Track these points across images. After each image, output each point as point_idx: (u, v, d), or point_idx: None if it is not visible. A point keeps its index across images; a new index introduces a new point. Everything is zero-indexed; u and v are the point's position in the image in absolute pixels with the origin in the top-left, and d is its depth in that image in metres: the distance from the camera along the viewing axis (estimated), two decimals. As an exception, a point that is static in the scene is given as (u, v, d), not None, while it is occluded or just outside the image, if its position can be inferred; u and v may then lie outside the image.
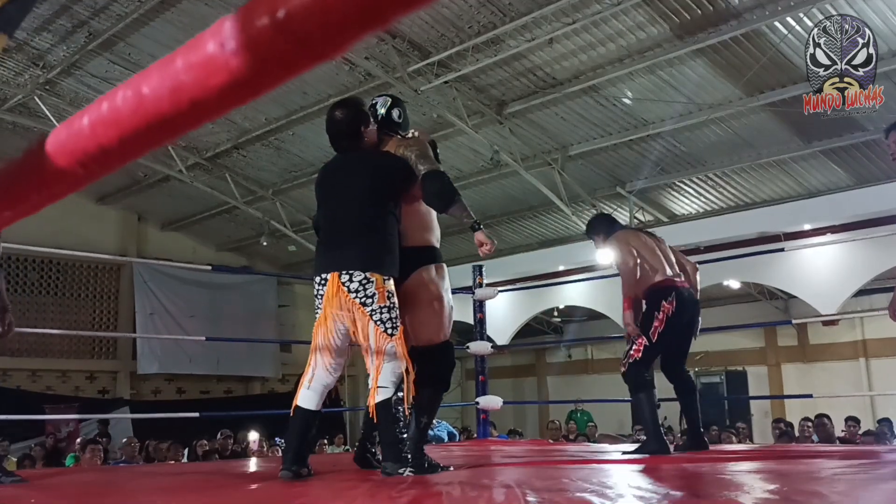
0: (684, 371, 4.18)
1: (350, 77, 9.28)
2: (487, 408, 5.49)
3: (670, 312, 3.87)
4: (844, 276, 9.63)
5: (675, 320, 3.88)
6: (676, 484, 2.46)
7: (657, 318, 3.87)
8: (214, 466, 4.95)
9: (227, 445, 8.56)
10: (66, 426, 11.47)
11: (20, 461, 7.47)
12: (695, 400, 4.12)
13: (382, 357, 2.82)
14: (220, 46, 0.49)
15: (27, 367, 12.40)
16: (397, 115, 3.34)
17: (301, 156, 11.44)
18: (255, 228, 13.64)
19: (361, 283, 2.82)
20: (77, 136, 0.57)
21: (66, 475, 4.13)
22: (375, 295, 2.82)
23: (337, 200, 3.01)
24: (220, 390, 14.86)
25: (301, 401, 2.90)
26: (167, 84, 0.51)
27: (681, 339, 4.06)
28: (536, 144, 10.23)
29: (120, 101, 0.54)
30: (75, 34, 9.05)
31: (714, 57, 8.03)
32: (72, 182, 0.61)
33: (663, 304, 3.88)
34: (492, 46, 8.32)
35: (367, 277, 2.83)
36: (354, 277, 2.83)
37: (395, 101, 3.39)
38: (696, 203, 10.72)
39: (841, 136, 8.79)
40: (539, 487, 2.37)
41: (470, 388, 10.52)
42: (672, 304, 3.88)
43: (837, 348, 12.44)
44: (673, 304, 3.88)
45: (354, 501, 2.16)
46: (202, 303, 14.09)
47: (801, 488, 2.24)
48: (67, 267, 13.57)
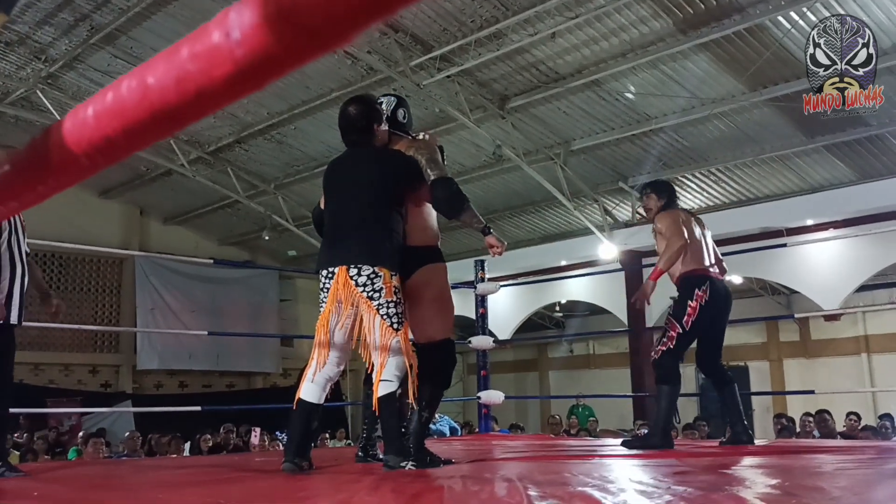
0: (720, 365, 4.17)
1: (352, 71, 9.27)
2: (489, 402, 5.50)
3: (703, 301, 3.89)
4: (847, 272, 9.62)
5: (707, 310, 3.90)
6: (678, 479, 2.47)
7: (690, 307, 3.90)
8: (216, 460, 4.96)
9: (230, 439, 8.58)
10: (69, 420, 11.50)
11: (23, 455, 7.48)
12: (734, 392, 4.09)
13: (387, 351, 2.82)
14: (226, 36, 0.49)
15: (30, 360, 12.41)
16: (402, 116, 3.35)
17: (303, 150, 11.44)
18: (258, 223, 13.65)
19: (370, 278, 2.83)
20: (82, 126, 0.57)
21: (68, 468, 4.14)
22: (383, 289, 2.83)
23: (345, 195, 3.02)
24: (221, 384, 14.89)
25: (304, 394, 2.91)
26: (172, 74, 0.51)
27: (714, 331, 4.08)
28: (539, 139, 10.21)
29: (125, 92, 0.53)
30: (77, 28, 9.04)
31: (717, 52, 8.01)
32: (76, 173, 0.61)
33: (697, 292, 3.91)
34: (494, 41, 8.30)
35: (375, 272, 2.84)
36: (363, 272, 2.84)
37: (399, 102, 3.40)
38: (698, 198, 10.70)
39: (844, 132, 8.77)
40: (541, 482, 2.38)
41: (471, 383, 10.54)
42: (705, 293, 3.91)
43: (839, 344, 12.44)
44: (706, 293, 3.91)
45: (357, 495, 2.17)
46: (203, 298, 14.11)
47: (802, 483, 2.24)
48: (70, 260, 13.60)
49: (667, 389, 3.88)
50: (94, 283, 13.96)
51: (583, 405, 12.51)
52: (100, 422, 11.43)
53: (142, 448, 7.98)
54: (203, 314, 13.69)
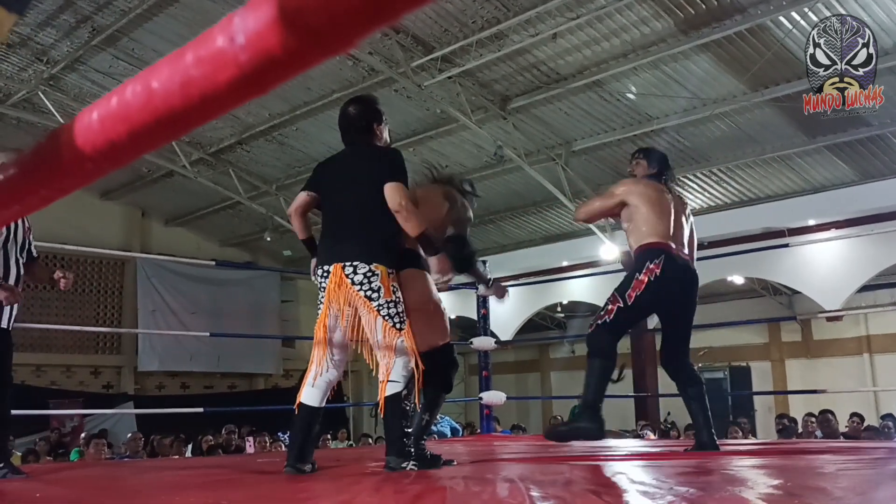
0: (688, 363, 3.63)
1: (353, 72, 9.28)
2: (491, 403, 5.50)
3: (653, 276, 3.41)
4: (849, 272, 9.61)
5: (658, 287, 3.41)
6: (680, 479, 2.46)
7: (637, 280, 3.44)
8: (218, 461, 4.96)
9: (231, 440, 8.59)
10: (71, 421, 11.51)
11: (24, 456, 7.50)
12: (702, 394, 3.56)
13: (392, 352, 2.79)
14: (230, 41, 0.49)
15: (32, 361, 12.43)
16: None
17: (305, 151, 11.44)
18: (259, 224, 13.65)
19: (366, 276, 2.79)
20: (86, 130, 0.57)
21: (70, 470, 4.14)
22: (381, 289, 2.79)
23: (342, 193, 3.00)
24: (223, 385, 14.90)
25: (304, 398, 2.90)
26: (177, 79, 0.51)
27: (678, 322, 3.61)
28: (540, 140, 10.21)
29: (129, 96, 0.54)
30: (79, 29, 9.05)
31: (718, 52, 8.00)
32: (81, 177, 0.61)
33: (648, 265, 3.44)
34: (495, 41, 8.31)
35: (371, 270, 2.80)
36: (359, 269, 2.80)
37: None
38: (700, 198, 10.69)
39: (846, 132, 8.76)
40: (542, 482, 2.38)
41: (473, 384, 10.53)
42: (658, 268, 3.42)
43: (841, 344, 12.42)
44: (659, 268, 3.42)
45: (359, 496, 2.17)
46: (204, 299, 14.12)
47: (805, 484, 2.24)
48: (72, 262, 13.58)
49: (598, 364, 3.42)
50: (95, 285, 13.97)
51: (584, 406, 12.50)
52: (102, 423, 11.44)
53: (144, 449, 7.99)
54: (204, 315, 13.70)
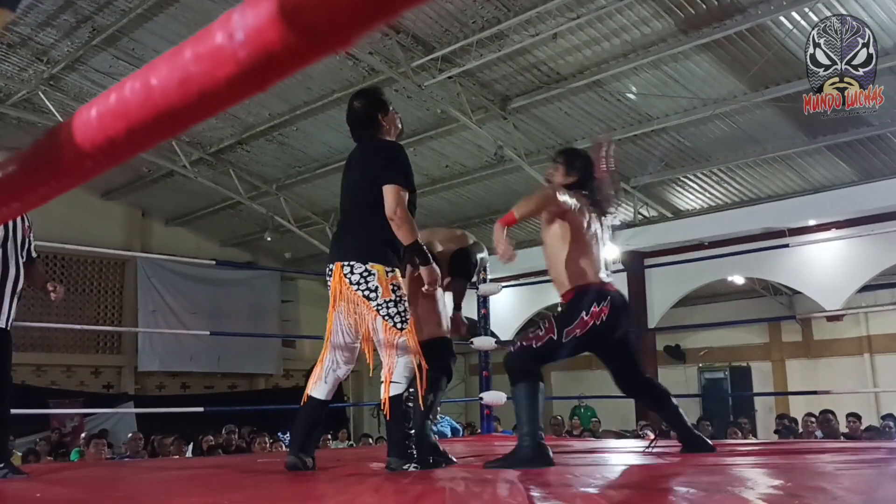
0: (645, 379, 3.45)
1: (354, 72, 9.27)
2: (491, 403, 5.50)
3: (599, 321, 3.09)
4: (849, 272, 9.60)
5: (602, 331, 3.12)
6: (680, 479, 2.46)
7: (582, 319, 3.09)
8: (219, 461, 4.96)
9: (232, 440, 8.58)
10: (71, 421, 11.51)
11: (25, 456, 7.49)
12: (670, 402, 3.37)
13: (395, 352, 2.79)
14: (229, 38, 0.49)
15: (32, 361, 12.43)
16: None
17: (305, 151, 11.44)
18: (260, 224, 13.65)
19: (363, 276, 2.79)
20: (85, 127, 0.57)
21: (71, 470, 4.14)
22: (379, 288, 2.78)
23: (345, 192, 3.01)
24: (223, 385, 14.89)
25: (313, 390, 2.92)
26: (176, 75, 0.51)
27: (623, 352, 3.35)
28: (540, 140, 10.21)
29: (128, 93, 0.54)
30: (79, 29, 9.05)
31: (719, 52, 8.00)
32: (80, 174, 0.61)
33: (594, 308, 3.09)
34: (496, 41, 8.30)
35: (367, 270, 2.79)
36: (355, 269, 2.80)
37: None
38: (700, 198, 10.69)
39: (846, 132, 8.76)
40: (543, 483, 2.38)
41: (474, 384, 10.53)
42: (604, 312, 3.10)
43: (842, 344, 12.42)
44: (606, 313, 3.10)
45: (360, 496, 2.17)
46: (204, 299, 14.11)
47: (805, 484, 2.24)
48: (72, 262, 13.60)
49: (524, 388, 3.04)
50: (96, 285, 13.96)
51: (585, 406, 12.51)
52: (102, 423, 11.44)
53: (144, 449, 7.98)
54: (204, 315, 13.69)
